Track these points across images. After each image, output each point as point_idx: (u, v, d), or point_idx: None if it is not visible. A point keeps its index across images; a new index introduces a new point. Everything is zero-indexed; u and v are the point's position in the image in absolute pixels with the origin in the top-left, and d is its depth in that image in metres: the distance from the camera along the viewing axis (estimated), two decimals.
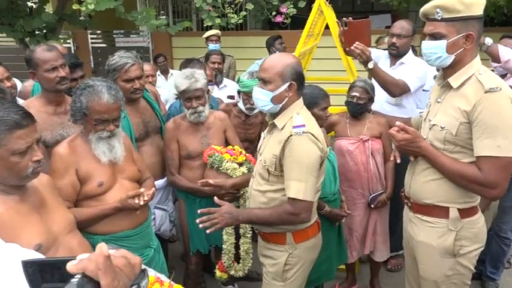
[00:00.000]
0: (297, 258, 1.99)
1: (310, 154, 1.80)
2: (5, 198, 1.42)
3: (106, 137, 1.97)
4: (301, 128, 1.80)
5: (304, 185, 1.80)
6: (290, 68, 1.82)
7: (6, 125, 1.36)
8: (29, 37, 5.97)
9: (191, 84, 2.43)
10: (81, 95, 1.93)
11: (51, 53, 2.32)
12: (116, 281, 0.62)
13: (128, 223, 2.03)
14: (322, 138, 1.88)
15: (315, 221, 2.04)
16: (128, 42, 7.85)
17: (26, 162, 1.41)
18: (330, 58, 5.50)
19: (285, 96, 1.84)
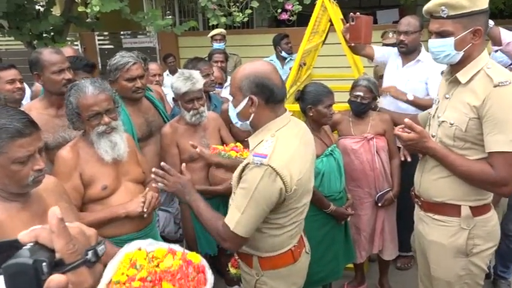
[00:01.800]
0: (267, 286, 1.78)
1: (259, 189, 1.53)
2: (7, 206, 1.41)
3: (104, 131, 1.95)
4: (260, 158, 1.53)
5: (239, 216, 1.57)
6: (248, 80, 1.58)
7: (8, 133, 1.34)
8: (36, 40, 6.02)
9: (193, 85, 2.42)
10: (69, 96, 1.93)
11: (58, 56, 2.33)
12: (70, 245, 0.59)
13: (132, 226, 2.02)
14: (293, 171, 1.58)
15: (289, 249, 1.76)
16: (135, 43, 7.87)
17: (27, 170, 1.39)
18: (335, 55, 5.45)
19: (249, 112, 1.61)
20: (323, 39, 4.18)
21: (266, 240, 1.71)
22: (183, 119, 2.52)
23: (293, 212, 1.69)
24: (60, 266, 0.58)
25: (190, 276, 1.45)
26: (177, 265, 1.46)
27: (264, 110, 1.62)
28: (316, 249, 2.39)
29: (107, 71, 2.52)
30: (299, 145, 1.65)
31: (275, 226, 1.69)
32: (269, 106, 1.62)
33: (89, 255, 0.61)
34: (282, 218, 1.68)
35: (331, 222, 2.54)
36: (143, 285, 1.36)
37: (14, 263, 0.56)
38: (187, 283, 1.42)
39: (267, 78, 1.59)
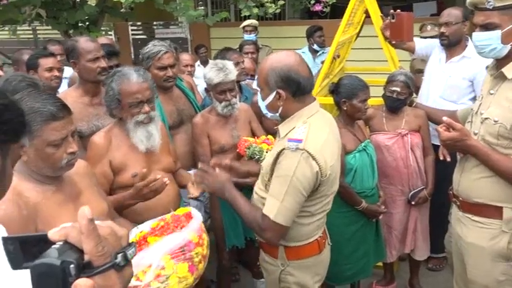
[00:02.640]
0: (291, 277, 1.78)
1: (297, 174, 1.54)
2: (42, 188, 1.45)
3: (143, 121, 1.96)
4: (296, 143, 1.54)
5: (278, 205, 1.58)
6: (274, 74, 1.57)
7: (43, 117, 1.38)
8: (72, 29, 6.15)
9: (226, 76, 2.40)
10: (111, 82, 1.95)
11: (93, 44, 2.37)
12: (100, 247, 0.57)
13: (159, 214, 2.00)
14: (327, 156, 1.61)
15: (315, 239, 1.79)
16: (167, 33, 7.93)
17: (61, 153, 1.42)
18: (368, 48, 5.32)
19: (277, 105, 1.62)
20: (357, 31, 4.07)
21: (295, 229, 1.71)
22: (215, 110, 2.51)
23: (324, 199, 1.70)
24: (88, 268, 0.57)
25: (168, 220, 1.44)
26: (162, 223, 1.50)
27: (291, 102, 1.62)
28: (346, 245, 2.35)
29: (140, 59, 2.54)
30: (329, 133, 1.67)
31: (305, 214, 1.70)
32: (296, 98, 1.61)
33: (118, 259, 0.59)
34: (313, 206, 1.69)
35: (362, 220, 2.48)
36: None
37: (42, 263, 0.55)
38: (168, 227, 1.42)
39: (293, 71, 1.57)
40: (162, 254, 1.33)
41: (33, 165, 1.43)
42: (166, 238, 1.36)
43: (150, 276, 1.33)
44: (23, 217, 1.35)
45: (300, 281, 1.79)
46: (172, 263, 1.35)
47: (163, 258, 1.34)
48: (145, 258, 1.32)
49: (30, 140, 1.38)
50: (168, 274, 1.36)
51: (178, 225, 1.42)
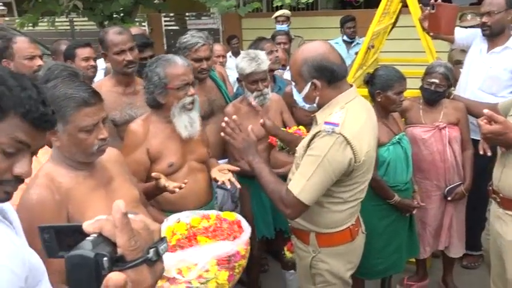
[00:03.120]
0: (323, 263, 1.78)
1: (329, 157, 1.54)
2: (75, 174, 1.47)
3: (188, 105, 1.98)
4: (332, 126, 1.55)
5: (304, 182, 1.58)
6: (307, 65, 1.58)
7: (75, 102, 1.40)
8: (107, 20, 6.28)
9: (258, 66, 2.38)
10: (156, 68, 1.96)
11: (120, 36, 2.39)
12: (132, 241, 0.58)
13: (192, 203, 2.05)
14: (363, 142, 1.60)
15: (347, 227, 1.78)
16: (199, 24, 7.97)
17: (92, 139, 1.45)
18: (405, 38, 5.17)
19: (314, 95, 1.63)
20: (393, 21, 3.96)
21: (327, 216, 1.72)
22: (246, 100, 2.50)
23: (357, 186, 1.69)
24: (121, 262, 0.58)
25: (223, 226, 1.46)
26: (212, 224, 1.51)
27: (328, 90, 1.62)
28: (377, 240, 2.30)
29: (176, 48, 2.55)
30: (366, 119, 1.66)
31: (338, 201, 1.69)
32: (332, 86, 1.62)
33: (150, 254, 0.60)
34: (346, 192, 1.68)
35: (395, 214, 2.42)
36: (179, 241, 1.42)
37: (77, 255, 0.56)
38: (221, 233, 1.43)
39: (325, 60, 1.58)
40: (210, 258, 1.36)
41: (66, 150, 1.46)
42: (218, 244, 1.39)
43: (193, 275, 1.36)
44: (56, 202, 1.38)
45: (331, 268, 1.79)
46: (216, 268, 1.38)
47: (210, 262, 1.37)
48: (193, 256, 1.35)
49: (64, 125, 1.41)
50: (209, 278, 1.39)
51: (231, 234, 1.43)
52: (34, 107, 0.94)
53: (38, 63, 2.42)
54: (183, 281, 1.34)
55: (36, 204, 1.36)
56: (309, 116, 2.84)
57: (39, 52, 2.50)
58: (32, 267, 1.01)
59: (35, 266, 1.03)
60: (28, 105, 0.93)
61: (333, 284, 1.81)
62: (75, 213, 1.41)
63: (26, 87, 0.94)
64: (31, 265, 1.01)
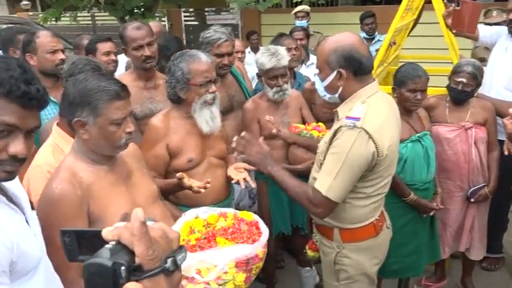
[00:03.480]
0: (347, 259, 1.78)
1: (352, 152, 1.54)
2: (96, 168, 1.48)
3: (210, 101, 1.99)
4: (353, 120, 1.54)
5: (331, 181, 1.58)
6: (336, 53, 1.58)
7: (109, 95, 1.42)
8: (128, 15, 6.34)
9: (278, 62, 2.37)
10: (180, 63, 1.97)
11: (139, 32, 2.41)
12: (150, 250, 0.58)
13: (210, 199, 2.06)
14: (385, 137, 1.58)
15: (371, 222, 1.77)
16: (219, 19, 7.98)
17: (121, 132, 1.46)
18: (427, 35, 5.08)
19: (337, 85, 1.62)
20: (415, 17, 3.89)
21: (350, 211, 1.71)
22: (266, 96, 2.49)
23: (380, 181, 1.68)
24: (139, 271, 0.58)
25: (242, 229, 1.47)
26: (230, 224, 1.52)
27: (352, 82, 1.61)
28: (393, 238, 2.26)
29: (199, 43, 2.55)
30: (389, 113, 1.65)
31: (361, 196, 1.69)
32: (357, 78, 1.61)
33: (167, 264, 0.60)
34: (370, 187, 1.68)
35: (412, 213, 2.38)
36: (198, 241, 1.42)
37: (95, 263, 0.57)
38: (240, 235, 1.44)
39: (355, 50, 1.58)
40: (229, 260, 1.37)
41: (94, 143, 1.46)
42: (238, 247, 1.40)
43: (212, 276, 1.37)
44: (77, 197, 1.39)
45: (356, 264, 1.78)
46: (234, 270, 1.39)
47: (229, 264, 1.38)
48: (213, 258, 1.36)
49: (95, 117, 1.41)
50: (228, 280, 1.40)
51: (250, 237, 1.44)
52: (15, 86, 0.96)
53: (60, 57, 2.46)
54: (202, 282, 1.36)
55: (58, 199, 1.37)
56: (328, 112, 2.85)
57: (62, 46, 2.54)
58: (22, 255, 1.02)
59: (27, 254, 1.04)
60: (9, 85, 0.95)
61: (357, 280, 1.80)
62: (96, 208, 1.42)
63: (9, 68, 0.96)
64: (21, 252, 1.02)
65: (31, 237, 1.11)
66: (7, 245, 0.98)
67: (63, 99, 1.46)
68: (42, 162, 1.73)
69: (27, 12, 10.13)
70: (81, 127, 1.43)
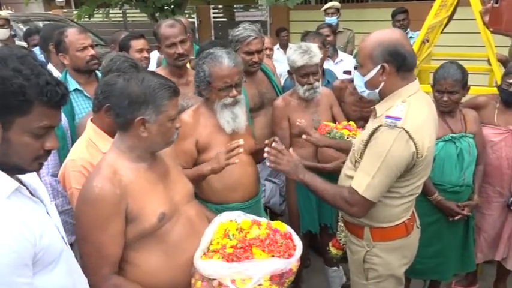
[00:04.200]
0: (377, 258, 1.76)
1: (392, 152, 1.53)
2: (136, 166, 1.49)
3: (230, 103, 1.99)
4: (394, 120, 1.53)
5: (369, 180, 1.58)
6: (381, 47, 1.56)
7: (170, 92, 1.45)
8: (158, 12, 6.44)
9: (310, 59, 2.35)
10: (203, 64, 1.98)
11: (172, 30, 2.44)
12: None
13: (239, 196, 2.07)
14: (425, 138, 1.57)
15: (402, 222, 1.76)
16: (247, 16, 8.00)
17: (174, 128, 1.50)
18: (462, 32, 4.94)
19: (379, 81, 1.60)
20: (449, 13, 3.78)
21: (383, 210, 1.70)
22: (296, 93, 2.48)
23: (415, 182, 1.67)
24: None
25: (278, 242, 1.47)
26: (264, 234, 1.51)
27: (394, 78, 1.59)
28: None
29: (229, 40, 2.56)
30: (428, 114, 1.63)
31: (395, 195, 1.67)
32: (400, 74, 1.59)
33: None
34: (405, 188, 1.66)
35: (438, 214, 2.32)
36: (235, 251, 1.42)
37: None
38: (277, 248, 1.44)
39: (400, 45, 1.57)
40: (264, 274, 1.38)
41: (151, 140, 1.47)
42: (274, 261, 1.41)
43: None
44: (116, 196, 1.39)
45: (385, 263, 1.77)
46: (268, 283, 1.40)
47: (264, 277, 1.39)
48: (250, 270, 1.37)
49: (157, 115, 1.43)
50: None
51: (286, 251, 1.45)
52: (54, 92, 1.02)
53: (90, 53, 2.47)
54: None
55: (97, 198, 1.38)
56: (358, 110, 2.82)
57: (90, 41, 2.54)
58: (45, 247, 1.06)
59: (50, 246, 1.08)
60: (49, 93, 1.01)
61: (386, 279, 1.79)
62: (135, 207, 1.43)
63: (38, 73, 1.01)
64: (44, 245, 1.06)
65: (53, 229, 1.14)
66: (29, 239, 1.02)
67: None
68: (76, 157, 1.77)
69: (62, 10, 10.42)
70: (142, 125, 1.43)
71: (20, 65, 0.98)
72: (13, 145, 1.01)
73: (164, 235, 1.48)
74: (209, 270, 1.39)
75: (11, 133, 1.00)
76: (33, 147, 1.04)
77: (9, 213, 1.00)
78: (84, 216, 1.40)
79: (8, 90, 0.96)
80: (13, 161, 1.03)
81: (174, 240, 1.50)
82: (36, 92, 0.99)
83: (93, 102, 1.86)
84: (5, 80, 0.96)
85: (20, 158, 1.04)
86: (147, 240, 1.46)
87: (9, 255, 0.97)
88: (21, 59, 1.00)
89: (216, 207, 1.99)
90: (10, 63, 0.98)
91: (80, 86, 2.47)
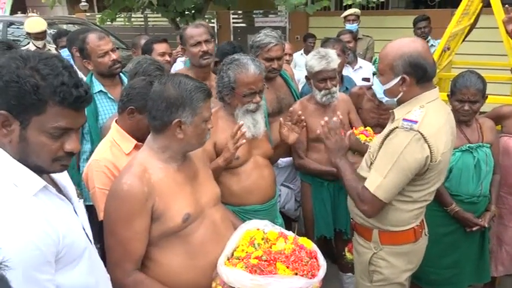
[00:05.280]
0: (383, 261, 1.79)
1: (405, 154, 1.56)
2: (166, 166, 1.52)
3: (252, 110, 2.02)
4: (411, 123, 1.56)
5: (381, 180, 1.61)
6: (402, 59, 1.59)
7: (204, 95, 1.49)
8: (179, 17, 6.53)
9: (328, 65, 2.37)
10: (228, 70, 2.00)
11: (197, 29, 2.51)
12: None
13: (257, 198, 2.09)
14: (440, 143, 1.59)
15: (411, 228, 1.77)
16: (266, 22, 8.04)
17: (207, 129, 1.55)
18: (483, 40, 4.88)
19: (398, 90, 1.64)
20: (472, 22, 3.76)
21: (394, 214, 1.72)
22: (314, 98, 2.50)
23: (428, 187, 1.68)
24: None
25: (303, 260, 1.47)
26: (290, 249, 1.50)
27: (414, 88, 1.63)
28: (431, 247, 2.16)
29: (249, 46, 2.59)
30: (446, 122, 1.65)
31: (407, 199, 1.70)
32: (419, 85, 1.62)
33: None
34: (417, 192, 1.68)
35: (454, 225, 2.29)
36: (259, 263, 1.43)
37: None
38: (302, 267, 1.44)
39: (421, 57, 1.59)
40: None
41: (187, 141, 1.51)
42: (297, 280, 1.41)
43: None
44: (144, 194, 1.42)
45: (391, 267, 1.78)
46: None
47: None
48: (271, 285, 1.38)
49: (193, 116, 1.47)
50: None
51: (310, 272, 1.45)
52: (67, 93, 1.02)
53: (112, 58, 2.52)
54: None
55: (125, 195, 1.42)
56: (375, 117, 2.81)
57: (111, 45, 2.58)
58: (69, 245, 1.08)
59: (72, 245, 1.10)
60: (62, 93, 1.01)
61: (390, 283, 1.80)
62: (161, 205, 1.46)
63: (58, 73, 1.01)
64: (67, 243, 1.07)
65: (78, 227, 1.17)
66: (53, 237, 1.04)
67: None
68: (100, 157, 1.82)
69: (85, 13, 10.64)
70: (179, 127, 1.47)
71: (39, 65, 1.00)
72: (31, 144, 1.03)
73: (188, 236, 1.51)
74: (231, 278, 1.40)
75: (28, 131, 1.02)
76: (50, 148, 1.05)
77: (34, 211, 1.02)
78: (112, 210, 1.45)
79: (22, 88, 0.98)
80: (32, 160, 1.05)
81: (197, 242, 1.52)
82: (50, 92, 1.00)
83: (119, 104, 1.91)
84: (20, 78, 0.97)
85: (38, 157, 1.05)
86: (170, 240, 1.49)
87: (33, 251, 0.99)
88: (45, 60, 1.02)
89: (233, 208, 2.01)
90: (29, 63, 0.99)
91: (104, 88, 2.53)
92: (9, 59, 1.00)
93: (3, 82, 0.98)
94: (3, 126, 1.01)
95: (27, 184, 1.04)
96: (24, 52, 1.03)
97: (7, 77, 0.97)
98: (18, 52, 1.02)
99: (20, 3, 11.57)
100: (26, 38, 5.24)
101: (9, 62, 0.99)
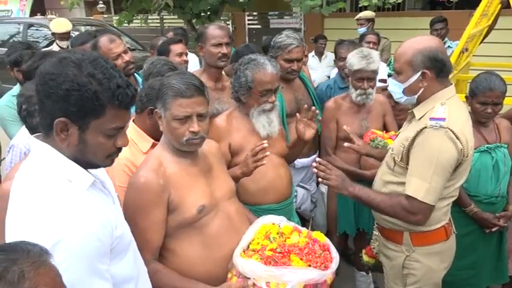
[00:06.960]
0: (417, 263, 1.77)
1: (442, 153, 1.57)
2: (179, 160, 1.59)
3: (268, 109, 2.03)
4: (439, 121, 1.57)
5: (427, 185, 1.59)
6: (421, 54, 1.61)
7: (173, 92, 1.51)
8: (195, 19, 6.58)
9: (368, 65, 2.37)
10: (246, 69, 2.02)
11: (220, 31, 2.53)
12: None
13: (273, 197, 2.10)
14: (468, 137, 1.61)
15: (442, 226, 1.77)
16: (281, 23, 8.05)
17: (184, 130, 1.55)
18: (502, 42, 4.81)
19: (419, 87, 1.65)
20: (490, 23, 3.71)
21: None
22: (349, 97, 2.50)
23: (455, 182, 1.69)
24: None
25: (317, 252, 1.50)
26: (304, 242, 1.54)
27: (434, 83, 1.64)
28: None
29: (270, 46, 2.61)
30: (467, 119, 1.68)
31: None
32: (439, 79, 1.64)
33: None
34: (446, 189, 1.68)
35: (472, 226, 2.27)
36: (274, 254, 1.46)
37: None
38: (315, 259, 1.47)
39: (440, 52, 1.62)
40: (299, 282, 1.42)
41: (165, 134, 1.59)
42: (310, 271, 1.44)
43: None
44: (159, 186, 1.50)
45: (426, 268, 1.77)
46: None
47: (299, 285, 1.42)
48: (285, 276, 1.41)
49: (165, 111, 1.54)
50: None
51: (323, 263, 1.48)
52: (125, 95, 1.07)
53: (124, 60, 2.54)
54: None
55: (142, 186, 1.50)
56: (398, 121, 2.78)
57: (122, 47, 2.60)
58: (119, 237, 1.13)
59: (122, 236, 1.15)
60: (120, 96, 1.06)
61: (425, 285, 1.79)
62: (176, 197, 1.52)
63: (110, 76, 1.06)
64: (118, 235, 1.12)
65: (123, 219, 1.22)
66: (108, 229, 1.08)
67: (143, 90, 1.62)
68: (120, 155, 1.85)
69: (102, 15, 10.80)
70: (159, 118, 1.56)
71: (93, 70, 1.03)
72: (89, 145, 1.08)
73: (203, 227, 1.56)
74: (246, 269, 1.44)
75: (87, 134, 1.07)
76: (107, 146, 1.11)
77: (91, 203, 1.07)
78: (131, 202, 1.51)
79: (84, 95, 1.02)
80: (89, 159, 1.11)
81: (213, 233, 1.57)
82: (109, 96, 1.04)
83: (136, 104, 1.94)
84: (81, 86, 1.01)
85: (95, 155, 1.11)
86: (187, 231, 1.54)
87: (95, 242, 1.03)
88: (93, 62, 1.05)
89: (250, 207, 2.02)
90: (85, 69, 1.03)
91: None
92: (61, 65, 1.02)
93: (62, 91, 1.01)
94: (61, 132, 1.05)
95: (80, 179, 1.09)
96: (72, 56, 1.05)
97: (67, 85, 1.01)
98: (63, 55, 1.05)
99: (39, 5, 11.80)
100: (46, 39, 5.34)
101: (63, 69, 1.02)
